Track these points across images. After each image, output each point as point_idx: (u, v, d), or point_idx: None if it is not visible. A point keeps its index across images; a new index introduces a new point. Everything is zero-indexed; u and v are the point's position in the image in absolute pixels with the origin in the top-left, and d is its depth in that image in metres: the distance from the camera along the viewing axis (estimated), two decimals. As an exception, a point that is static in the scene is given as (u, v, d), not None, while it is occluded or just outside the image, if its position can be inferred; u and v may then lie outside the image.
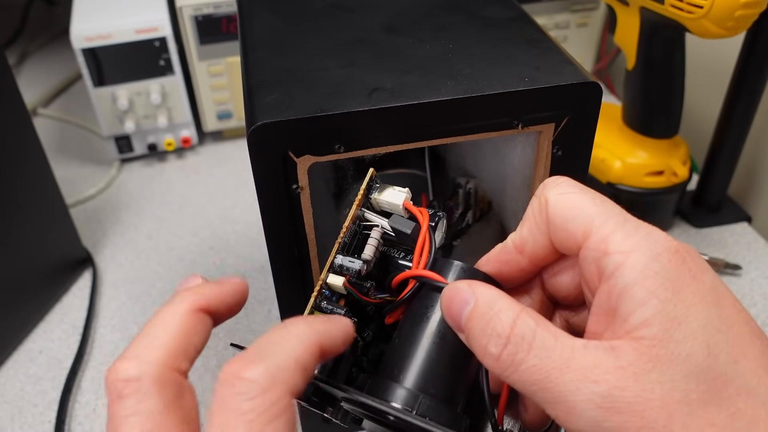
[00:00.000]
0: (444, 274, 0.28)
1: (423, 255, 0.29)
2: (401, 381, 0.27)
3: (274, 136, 0.30)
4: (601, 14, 0.88)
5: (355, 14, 0.40)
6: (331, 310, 0.30)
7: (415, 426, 0.25)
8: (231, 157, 0.84)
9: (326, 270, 0.30)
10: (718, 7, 0.50)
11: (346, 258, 0.30)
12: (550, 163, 0.35)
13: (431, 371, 0.27)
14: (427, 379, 0.27)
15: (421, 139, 0.32)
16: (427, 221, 0.30)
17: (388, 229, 0.31)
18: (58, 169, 0.64)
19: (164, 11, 0.76)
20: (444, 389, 0.27)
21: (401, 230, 0.30)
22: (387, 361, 0.28)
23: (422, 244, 0.29)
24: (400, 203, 0.31)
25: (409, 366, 0.27)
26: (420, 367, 0.27)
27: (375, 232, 0.31)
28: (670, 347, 0.21)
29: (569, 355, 0.21)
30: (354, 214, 0.31)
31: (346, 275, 0.30)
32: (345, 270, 0.30)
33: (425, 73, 0.33)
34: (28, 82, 0.98)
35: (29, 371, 0.58)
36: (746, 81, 0.62)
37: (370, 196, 0.31)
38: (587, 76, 0.33)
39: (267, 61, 0.35)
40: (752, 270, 0.65)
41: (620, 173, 0.66)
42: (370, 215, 0.32)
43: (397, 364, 0.28)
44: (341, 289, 0.30)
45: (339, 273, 0.30)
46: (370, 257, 0.30)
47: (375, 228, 0.31)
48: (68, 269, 0.65)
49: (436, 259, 0.29)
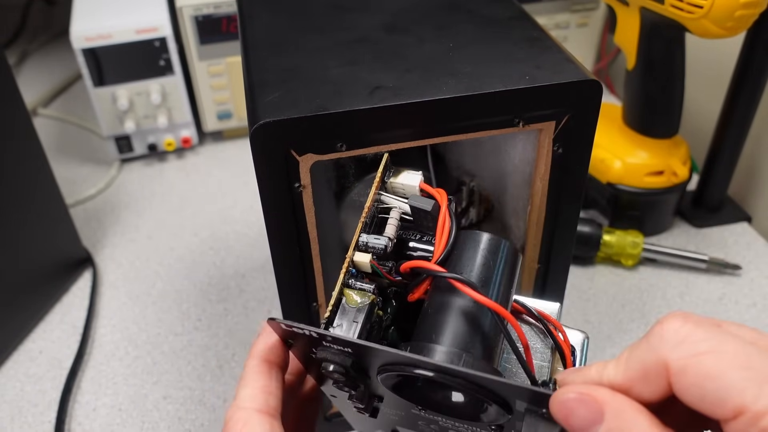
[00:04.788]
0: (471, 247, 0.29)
1: (444, 232, 0.30)
2: (441, 343, 0.27)
3: (277, 134, 0.30)
4: (601, 14, 0.88)
5: (355, 14, 0.40)
6: (361, 287, 0.30)
7: (469, 377, 0.24)
8: (231, 157, 0.84)
9: (352, 248, 0.30)
10: (718, 7, 0.50)
11: (371, 236, 0.30)
12: (551, 160, 0.35)
13: (469, 333, 0.27)
14: (467, 339, 0.27)
15: (422, 138, 0.32)
16: (446, 199, 0.31)
17: (406, 209, 0.31)
18: (58, 169, 0.64)
19: (164, 11, 0.76)
20: (482, 349, 0.27)
21: (421, 207, 0.31)
22: (421, 329, 0.29)
23: (444, 221, 0.30)
24: (417, 184, 0.32)
25: (448, 329, 0.28)
26: (459, 329, 0.27)
27: (394, 212, 0.32)
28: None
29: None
30: (374, 195, 0.31)
31: (371, 252, 0.30)
32: (370, 247, 0.30)
33: (426, 72, 0.33)
34: (28, 82, 0.98)
35: (29, 371, 0.57)
36: (746, 81, 0.62)
37: (386, 180, 0.32)
38: (587, 74, 0.33)
39: (268, 60, 0.35)
40: (752, 270, 0.65)
41: (620, 173, 0.66)
42: (386, 198, 0.32)
43: (434, 329, 0.28)
44: (367, 267, 0.30)
45: (364, 251, 0.30)
46: (393, 235, 0.31)
47: (393, 209, 0.32)
48: (68, 269, 0.65)
49: (459, 233, 0.30)
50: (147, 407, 0.54)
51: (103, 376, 0.57)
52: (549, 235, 0.38)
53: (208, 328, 0.61)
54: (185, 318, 0.62)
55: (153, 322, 0.61)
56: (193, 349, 0.59)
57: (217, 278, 0.66)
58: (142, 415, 0.53)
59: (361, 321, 0.29)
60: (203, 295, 0.64)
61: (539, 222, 0.38)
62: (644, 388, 0.21)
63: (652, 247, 0.65)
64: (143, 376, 0.56)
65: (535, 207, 0.37)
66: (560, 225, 0.38)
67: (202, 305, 0.63)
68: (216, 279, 0.66)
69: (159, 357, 0.58)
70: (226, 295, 0.64)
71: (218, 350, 0.59)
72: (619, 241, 0.64)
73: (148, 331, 0.61)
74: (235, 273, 0.66)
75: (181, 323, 0.61)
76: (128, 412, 0.54)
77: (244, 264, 0.68)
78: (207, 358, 0.58)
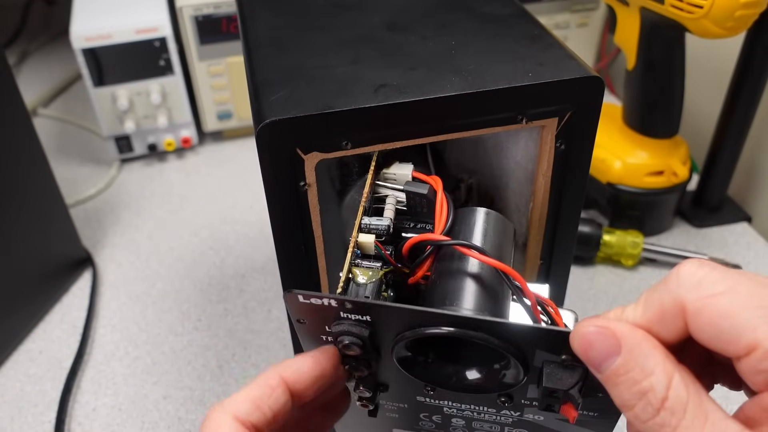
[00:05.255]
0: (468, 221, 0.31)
1: (444, 207, 0.32)
2: (456, 305, 0.28)
3: (282, 133, 0.30)
4: (601, 14, 0.89)
5: (356, 12, 0.40)
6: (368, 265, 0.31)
7: (492, 325, 0.24)
8: (231, 158, 0.84)
9: (356, 230, 0.32)
10: (718, 7, 0.50)
11: (373, 218, 0.32)
12: (553, 157, 0.35)
13: (481, 294, 0.28)
14: (480, 300, 0.28)
15: (427, 135, 0.32)
16: (441, 184, 0.32)
17: (400, 197, 0.33)
18: (58, 169, 0.63)
19: (164, 11, 0.76)
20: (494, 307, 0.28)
21: (417, 192, 0.32)
22: (432, 298, 0.29)
23: (441, 198, 0.32)
24: (409, 173, 0.33)
25: (459, 293, 0.29)
26: (471, 292, 0.28)
27: (390, 198, 0.33)
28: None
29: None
30: (371, 182, 0.33)
31: (374, 233, 0.32)
32: (373, 228, 0.32)
33: (430, 70, 0.33)
34: (28, 82, 0.98)
35: (29, 371, 0.57)
36: (746, 81, 0.62)
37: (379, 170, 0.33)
38: (590, 70, 0.33)
39: (272, 59, 0.35)
40: (752, 270, 0.65)
41: (620, 173, 0.66)
42: (381, 188, 0.34)
43: (446, 295, 0.29)
44: (371, 247, 0.31)
45: (367, 232, 0.32)
46: (392, 217, 0.33)
47: (389, 196, 0.34)
48: (68, 269, 0.65)
49: (457, 211, 0.31)
50: (147, 407, 0.54)
51: (103, 376, 0.57)
52: (551, 231, 0.38)
53: (208, 328, 0.61)
54: (185, 318, 0.62)
55: (153, 322, 0.61)
56: (193, 349, 0.59)
57: (217, 278, 0.66)
58: (142, 415, 0.53)
59: (372, 296, 0.30)
60: (203, 295, 0.64)
61: (541, 218, 0.38)
62: (662, 328, 0.22)
63: (652, 247, 0.65)
64: (143, 376, 0.56)
65: (537, 203, 0.37)
66: (562, 221, 0.38)
67: (202, 305, 0.63)
68: (216, 279, 0.66)
69: (159, 357, 0.58)
70: (226, 296, 0.64)
71: (218, 350, 0.58)
72: (619, 241, 0.64)
73: (148, 331, 0.61)
74: (235, 273, 0.66)
75: (181, 323, 0.61)
76: (128, 412, 0.54)
77: (244, 264, 0.68)
78: (207, 358, 0.58)
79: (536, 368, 0.25)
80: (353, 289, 0.30)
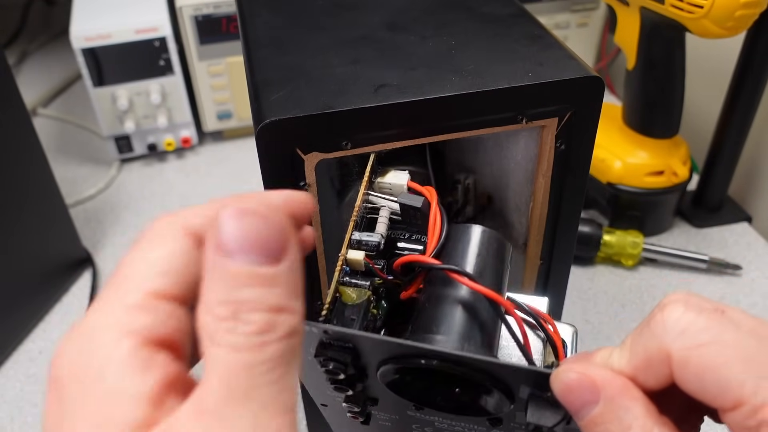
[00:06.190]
0: (462, 240, 0.29)
1: (437, 225, 0.30)
2: (442, 333, 0.27)
3: (282, 133, 0.30)
4: (601, 14, 0.89)
5: (356, 12, 0.40)
6: (356, 284, 0.30)
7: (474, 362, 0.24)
8: (231, 157, 0.84)
9: (345, 246, 0.30)
10: (719, 7, 0.50)
11: (363, 234, 0.31)
12: (553, 157, 0.35)
13: (468, 322, 0.28)
14: (467, 329, 0.28)
15: (427, 135, 0.32)
16: (436, 196, 0.31)
17: (395, 208, 0.32)
18: (58, 169, 0.63)
19: (164, 11, 0.76)
20: (482, 337, 0.28)
21: (411, 205, 0.31)
22: (420, 321, 0.29)
23: (435, 215, 0.30)
24: (404, 183, 0.32)
25: (447, 320, 0.28)
26: (458, 319, 0.28)
27: (383, 210, 0.32)
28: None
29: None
30: (363, 194, 0.32)
31: (364, 250, 0.30)
32: (363, 245, 0.30)
33: (430, 70, 0.33)
34: (28, 82, 0.98)
35: (29, 371, 0.57)
36: (746, 81, 0.62)
37: (373, 180, 0.32)
38: (589, 70, 0.33)
39: (271, 59, 0.35)
40: (752, 270, 0.65)
41: (620, 173, 0.66)
42: (375, 198, 0.32)
43: (433, 321, 0.28)
44: (361, 264, 0.30)
45: (357, 248, 0.30)
46: (384, 232, 0.31)
47: (383, 208, 0.32)
48: (68, 269, 0.65)
49: (451, 227, 0.30)
50: (148, 407, 0.54)
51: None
52: (551, 231, 0.39)
53: (208, 328, 0.60)
54: (186, 318, 0.62)
55: (153, 322, 0.61)
56: (194, 348, 0.59)
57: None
58: (143, 414, 0.53)
59: (359, 318, 0.29)
60: (204, 295, 0.64)
61: (542, 218, 0.38)
62: (648, 377, 0.21)
63: (652, 247, 0.65)
64: (144, 376, 0.56)
65: (537, 203, 0.37)
66: (562, 221, 0.38)
67: (203, 305, 0.63)
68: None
69: (159, 357, 0.58)
70: (226, 295, 0.64)
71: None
72: (619, 241, 0.64)
73: (149, 330, 0.60)
74: (236, 273, 0.66)
75: (182, 323, 0.61)
76: (129, 412, 0.54)
77: (244, 264, 0.67)
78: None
79: (522, 399, 0.25)
80: (338, 309, 0.29)
